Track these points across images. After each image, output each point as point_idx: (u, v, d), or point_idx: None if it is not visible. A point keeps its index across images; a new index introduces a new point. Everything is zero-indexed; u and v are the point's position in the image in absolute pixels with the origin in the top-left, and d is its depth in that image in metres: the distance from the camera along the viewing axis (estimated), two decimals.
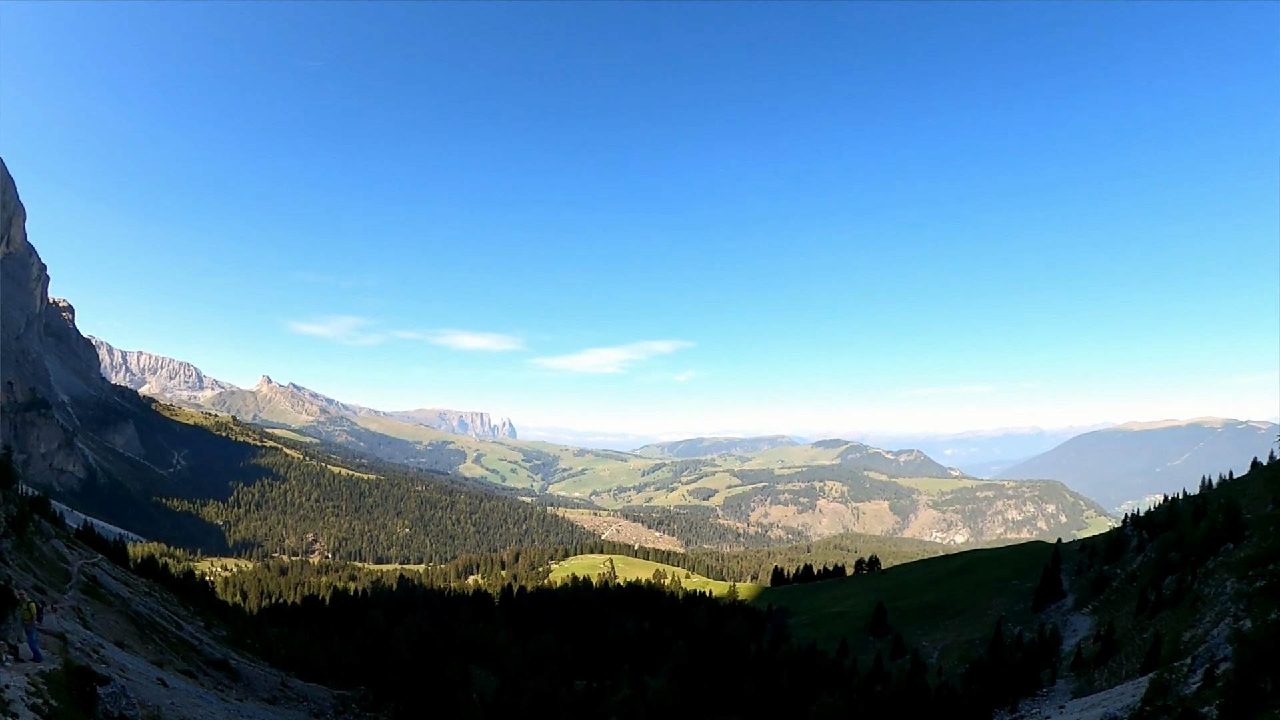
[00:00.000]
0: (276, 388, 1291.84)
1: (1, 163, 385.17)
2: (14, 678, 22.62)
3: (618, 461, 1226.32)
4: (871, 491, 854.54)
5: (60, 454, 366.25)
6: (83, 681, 23.70)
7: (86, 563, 72.53)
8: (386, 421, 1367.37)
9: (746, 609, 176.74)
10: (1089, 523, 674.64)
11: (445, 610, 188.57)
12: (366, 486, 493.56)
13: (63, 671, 24.52)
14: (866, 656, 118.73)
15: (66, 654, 31.44)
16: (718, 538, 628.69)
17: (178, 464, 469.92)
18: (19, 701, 20.97)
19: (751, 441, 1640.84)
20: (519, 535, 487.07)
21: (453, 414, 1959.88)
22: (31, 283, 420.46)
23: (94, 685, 23.67)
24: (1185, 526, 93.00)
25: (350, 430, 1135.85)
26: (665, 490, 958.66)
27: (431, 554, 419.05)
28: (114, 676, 27.10)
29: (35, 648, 27.72)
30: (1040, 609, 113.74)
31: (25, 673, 23.94)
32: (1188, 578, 78.03)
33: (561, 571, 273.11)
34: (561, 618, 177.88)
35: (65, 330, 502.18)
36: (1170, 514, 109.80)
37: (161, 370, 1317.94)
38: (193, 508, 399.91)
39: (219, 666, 60.20)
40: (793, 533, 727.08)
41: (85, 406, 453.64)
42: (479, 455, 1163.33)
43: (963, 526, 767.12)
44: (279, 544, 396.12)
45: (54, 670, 24.69)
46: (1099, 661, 76.35)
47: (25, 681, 22.54)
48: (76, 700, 22.90)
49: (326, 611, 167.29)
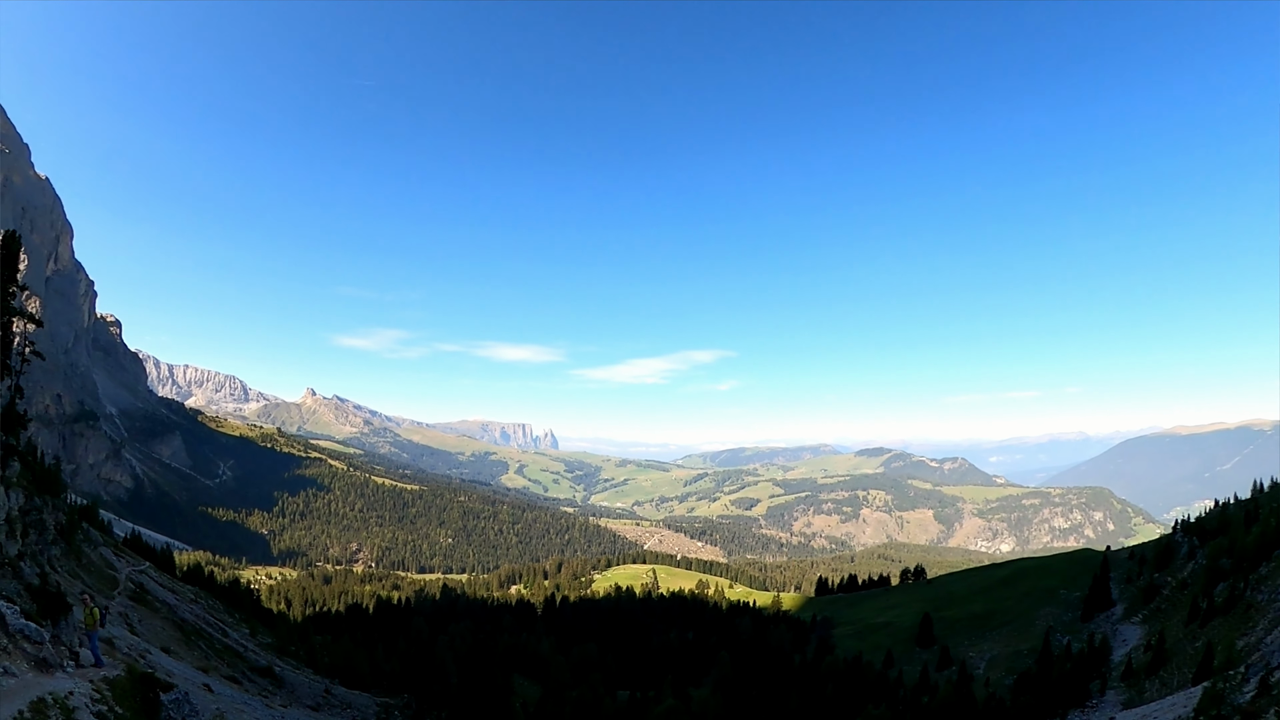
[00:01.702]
0: (320, 400, 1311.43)
1: (49, 183, 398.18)
2: (78, 684, 23.32)
3: (660, 472, 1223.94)
4: (915, 500, 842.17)
5: (108, 464, 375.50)
6: (146, 688, 24.50)
7: (134, 570, 74.44)
8: (429, 433, 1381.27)
9: (790, 619, 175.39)
10: (1137, 530, 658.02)
11: (488, 619, 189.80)
12: (409, 497, 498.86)
13: (126, 678, 25.25)
14: (913, 668, 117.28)
15: (128, 659, 32.45)
16: (760, 548, 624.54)
17: (223, 474, 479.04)
18: (84, 709, 21.66)
19: (794, 451, 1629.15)
20: (561, 545, 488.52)
21: (495, 425, 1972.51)
22: (79, 298, 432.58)
23: (157, 692, 24.50)
24: (1237, 532, 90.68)
25: (393, 441, 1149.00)
26: (707, 500, 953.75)
27: (474, 564, 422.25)
28: (176, 683, 27.94)
29: (97, 653, 28.43)
30: (1089, 618, 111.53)
31: (89, 679, 24.60)
32: (1240, 584, 76.14)
33: (604, 581, 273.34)
34: (604, 628, 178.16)
35: (113, 344, 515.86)
36: (1221, 519, 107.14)
37: (207, 383, 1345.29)
38: (238, 517, 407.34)
39: (263, 673, 61.37)
40: (836, 542, 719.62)
41: (132, 418, 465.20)
42: (521, 466, 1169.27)
43: (1008, 535, 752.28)
44: (323, 553, 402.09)
45: (117, 676, 25.40)
46: (1149, 672, 74.76)
47: (89, 688, 23.30)
48: (141, 707, 23.61)
49: (370, 620, 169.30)
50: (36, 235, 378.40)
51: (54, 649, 25.28)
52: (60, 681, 23.02)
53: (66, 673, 24.54)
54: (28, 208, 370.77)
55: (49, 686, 21.94)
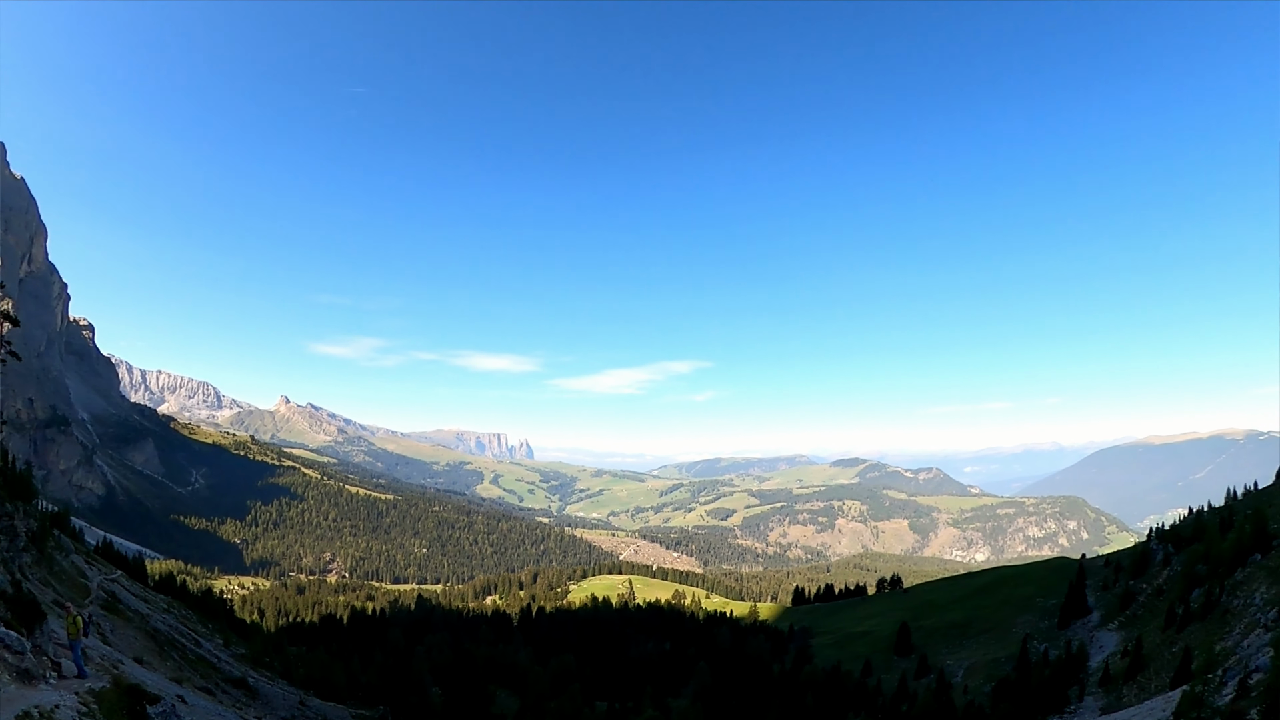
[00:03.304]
0: (295, 408, 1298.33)
1: (24, 183, 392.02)
2: (64, 696, 22.49)
3: (635, 482, 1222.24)
4: (891, 510, 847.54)
5: (80, 471, 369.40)
6: (133, 700, 23.81)
7: (106, 578, 72.88)
8: (404, 442, 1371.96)
9: (769, 629, 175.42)
10: (1111, 539, 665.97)
11: (464, 630, 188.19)
12: (384, 506, 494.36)
13: (112, 690, 24.50)
14: (891, 676, 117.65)
15: (104, 670, 31.62)
16: (736, 558, 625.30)
17: (196, 482, 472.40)
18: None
19: (770, 461, 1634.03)
20: (537, 556, 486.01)
21: (470, 435, 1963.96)
22: (53, 301, 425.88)
23: (144, 705, 23.82)
24: (1212, 539, 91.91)
25: (368, 450, 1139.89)
26: (683, 511, 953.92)
27: (449, 574, 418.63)
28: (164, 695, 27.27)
29: (80, 664, 27.50)
30: (1066, 626, 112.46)
31: (74, 691, 23.75)
32: (1216, 590, 77.12)
33: (580, 592, 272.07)
34: (582, 638, 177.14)
35: (86, 349, 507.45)
36: (1196, 527, 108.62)
37: (180, 389, 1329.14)
38: (210, 526, 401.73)
39: (237, 684, 60.23)
40: (812, 552, 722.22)
41: (105, 424, 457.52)
42: (496, 476, 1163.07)
43: (983, 545, 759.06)
44: (296, 563, 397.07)
45: (103, 688, 24.63)
46: (1128, 677, 75.46)
47: (75, 700, 22.48)
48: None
49: (344, 631, 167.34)
50: (11, 236, 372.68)
51: (35, 659, 24.52)
52: (44, 694, 22.25)
53: (50, 684, 23.73)
54: (2, 208, 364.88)
55: (34, 699, 21.21)
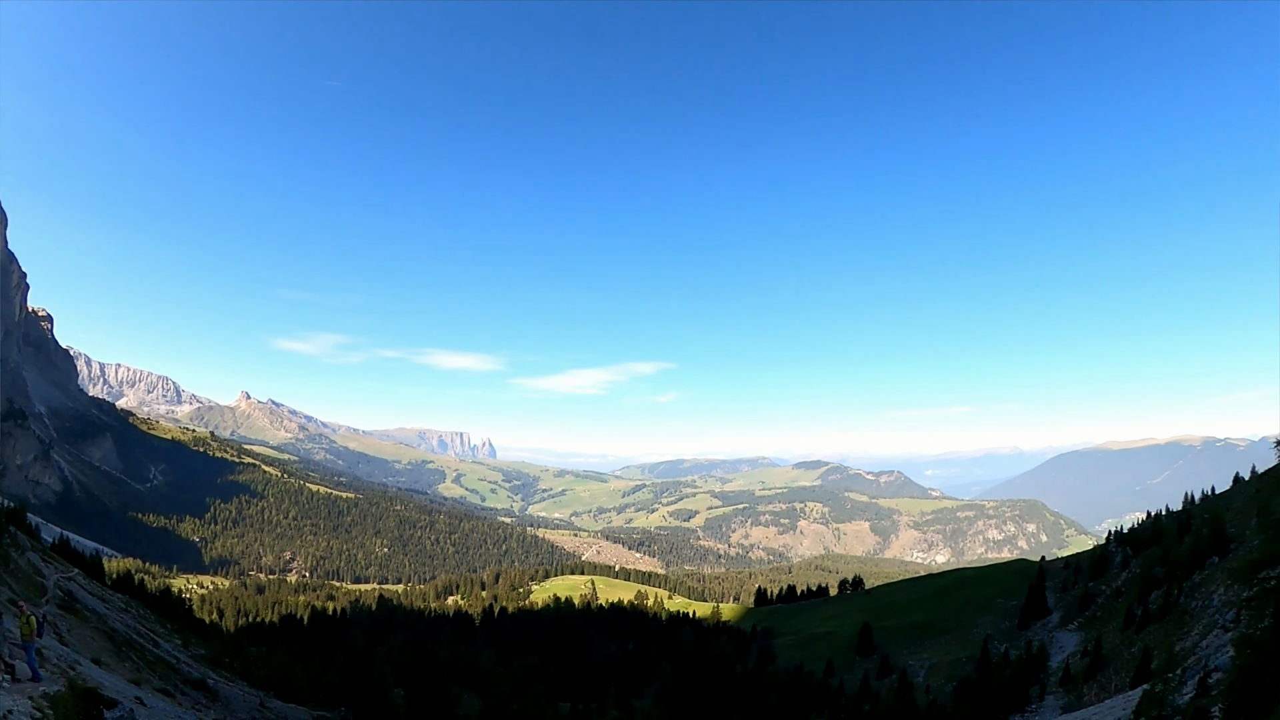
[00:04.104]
0: (255, 403, 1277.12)
1: None
2: (17, 701, 21.45)
3: (598, 482, 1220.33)
4: (852, 512, 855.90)
5: (36, 466, 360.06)
6: (89, 704, 22.80)
7: (63, 577, 70.84)
8: (366, 440, 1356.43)
9: (731, 630, 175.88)
10: (1069, 541, 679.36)
11: (426, 631, 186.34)
12: (345, 505, 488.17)
13: (68, 694, 23.32)
14: (853, 676, 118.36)
15: (59, 671, 30.43)
16: (699, 559, 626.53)
17: (155, 479, 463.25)
18: None
19: (732, 463, 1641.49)
20: (499, 556, 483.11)
21: (432, 433, 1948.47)
22: (11, 290, 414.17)
23: (101, 709, 22.86)
24: (1170, 542, 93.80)
25: (329, 448, 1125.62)
26: (646, 511, 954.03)
27: (410, 574, 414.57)
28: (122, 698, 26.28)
29: (34, 666, 26.15)
30: (1026, 626, 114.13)
31: (28, 695, 22.63)
32: (1174, 592, 78.63)
33: (542, 592, 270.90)
34: (544, 639, 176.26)
35: (44, 340, 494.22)
36: (1155, 530, 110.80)
37: (140, 383, 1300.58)
38: (169, 523, 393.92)
39: (197, 686, 58.87)
40: (774, 554, 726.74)
41: (63, 418, 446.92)
42: (459, 475, 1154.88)
43: (944, 546, 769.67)
44: (256, 562, 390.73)
45: (58, 692, 23.40)
46: (1088, 676, 76.56)
47: (29, 705, 21.44)
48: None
49: (305, 631, 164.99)
50: None
51: None
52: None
53: (3, 688, 22.68)
54: None
55: None
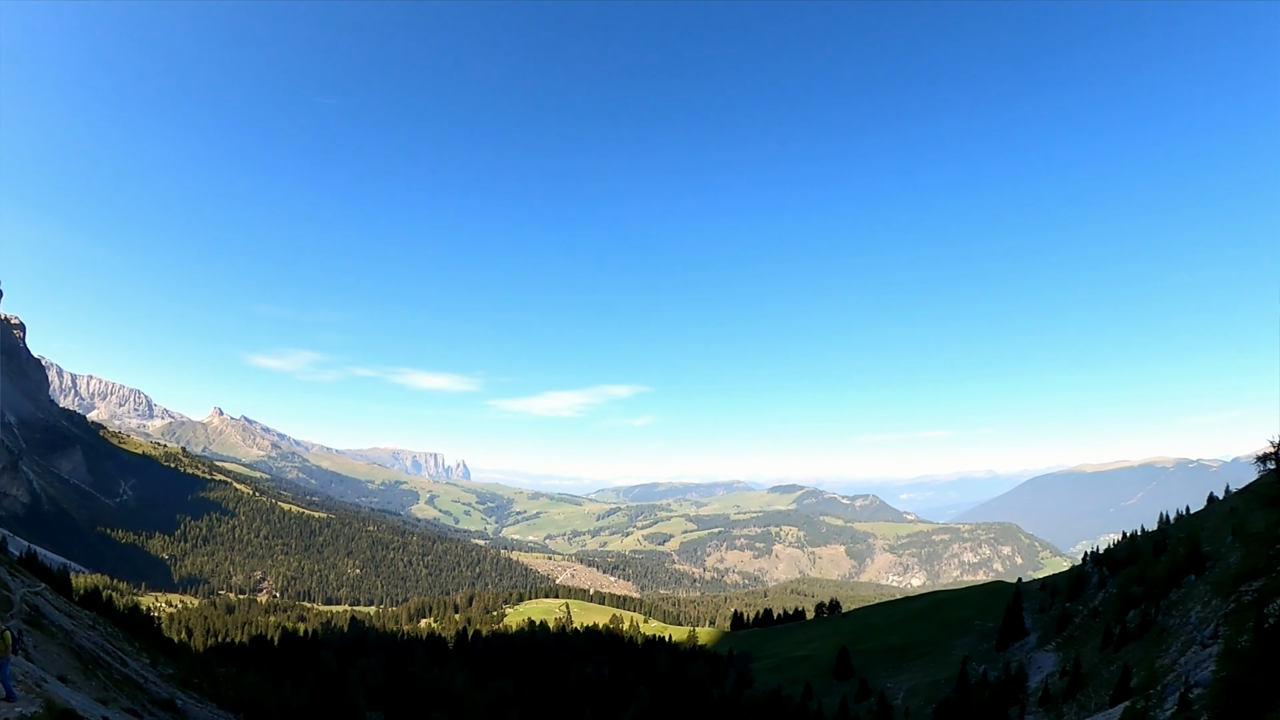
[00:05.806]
0: (228, 420, 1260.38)
1: None
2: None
3: (572, 505, 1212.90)
4: (828, 536, 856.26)
5: (4, 477, 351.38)
6: None
7: (29, 591, 68.58)
8: (339, 459, 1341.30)
9: (708, 654, 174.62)
10: (1045, 563, 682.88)
11: (399, 654, 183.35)
12: (317, 525, 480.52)
13: (45, 715, 22.08)
14: (832, 699, 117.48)
15: (28, 689, 28.96)
16: (674, 583, 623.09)
17: (124, 494, 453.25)
18: None
19: (707, 487, 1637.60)
20: (472, 578, 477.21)
21: (406, 454, 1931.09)
22: None
23: None
24: (1147, 561, 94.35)
25: (302, 467, 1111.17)
26: (620, 535, 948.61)
27: (383, 596, 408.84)
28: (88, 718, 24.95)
29: (9, 685, 24.67)
30: (1004, 648, 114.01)
31: (3, 716, 21.61)
32: (1152, 610, 78.92)
33: (516, 616, 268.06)
34: (519, 663, 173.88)
35: (15, 348, 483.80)
36: (1131, 550, 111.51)
37: (111, 396, 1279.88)
38: (139, 540, 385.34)
39: (165, 706, 56.97)
40: (749, 577, 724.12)
41: (32, 429, 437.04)
42: (432, 496, 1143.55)
43: (919, 570, 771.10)
44: (226, 581, 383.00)
45: (35, 714, 22.03)
46: (1067, 696, 76.44)
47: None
48: None
49: (276, 652, 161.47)
50: None
51: None
52: None
53: None
54: None
55: None
